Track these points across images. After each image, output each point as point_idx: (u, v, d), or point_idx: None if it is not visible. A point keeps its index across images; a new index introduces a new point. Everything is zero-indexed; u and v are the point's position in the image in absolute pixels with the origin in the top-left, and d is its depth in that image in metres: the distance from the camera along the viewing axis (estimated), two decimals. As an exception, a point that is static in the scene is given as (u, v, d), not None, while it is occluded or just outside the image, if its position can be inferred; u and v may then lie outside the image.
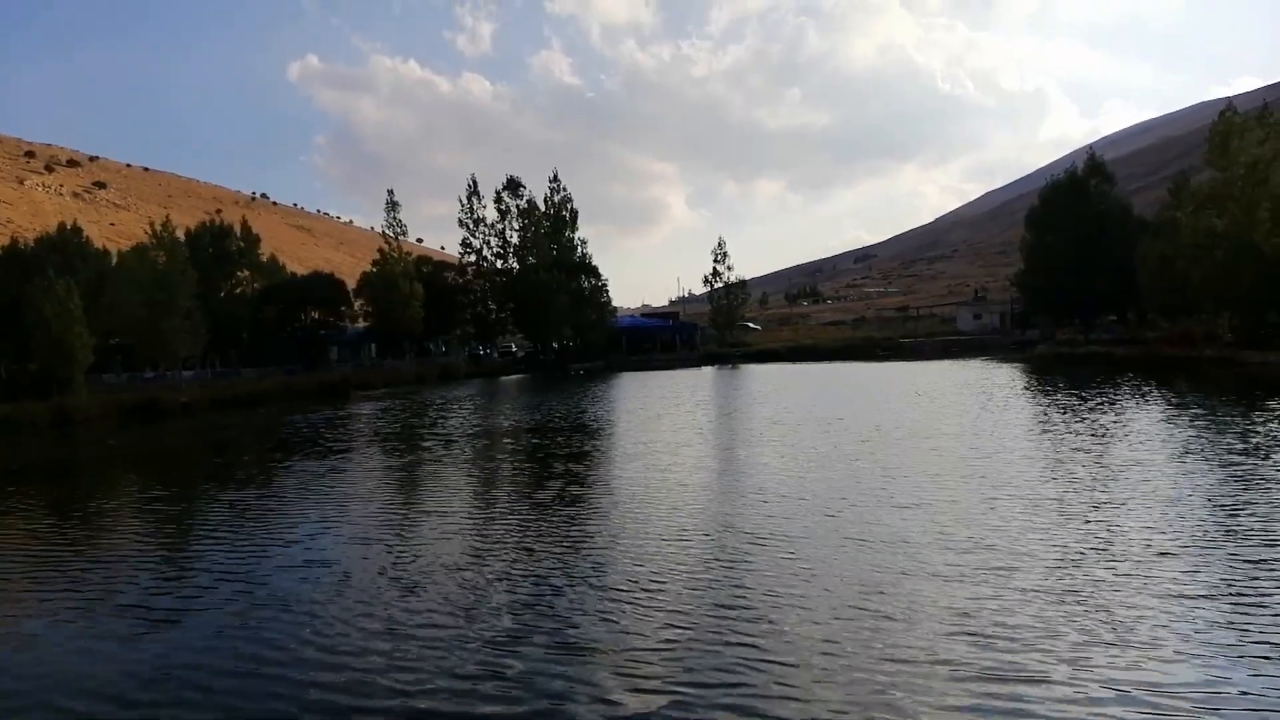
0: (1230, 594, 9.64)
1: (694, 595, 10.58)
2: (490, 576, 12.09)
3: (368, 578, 12.38)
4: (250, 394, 56.34)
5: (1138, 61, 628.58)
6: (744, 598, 10.31)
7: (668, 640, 9.12)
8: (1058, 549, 11.76)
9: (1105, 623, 8.93)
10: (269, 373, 68.02)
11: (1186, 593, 9.74)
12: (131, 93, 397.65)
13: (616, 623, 9.80)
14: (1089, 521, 13.22)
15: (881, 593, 10.19)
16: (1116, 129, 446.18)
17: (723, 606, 10.05)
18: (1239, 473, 16.25)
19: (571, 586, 11.28)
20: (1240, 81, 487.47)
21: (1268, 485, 15.17)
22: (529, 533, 14.68)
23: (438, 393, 56.13)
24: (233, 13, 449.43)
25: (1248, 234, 47.01)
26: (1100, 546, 11.77)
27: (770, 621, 9.43)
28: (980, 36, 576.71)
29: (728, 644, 8.87)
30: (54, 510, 20.64)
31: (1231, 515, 13.18)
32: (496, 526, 15.38)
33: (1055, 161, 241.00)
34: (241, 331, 72.43)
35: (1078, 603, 9.55)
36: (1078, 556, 11.35)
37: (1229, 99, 54.30)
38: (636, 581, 11.22)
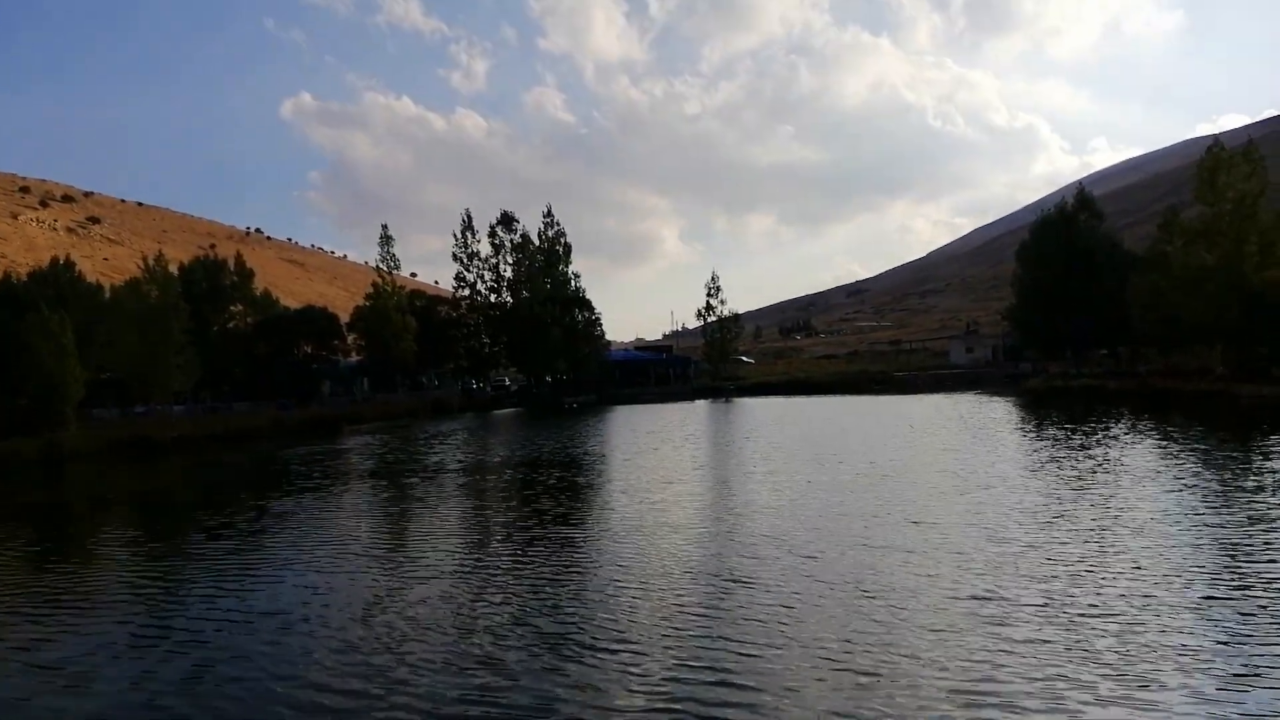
0: (1230, 649, 9.27)
1: (672, 648, 10.15)
2: (477, 616, 11.94)
3: (355, 616, 12.21)
4: (242, 429, 56.00)
5: (1125, 100, 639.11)
6: (725, 652, 9.85)
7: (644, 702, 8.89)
8: (1051, 598, 11.30)
9: (1103, 681, 8.51)
10: (261, 407, 67.69)
11: (1187, 646, 9.36)
12: (127, 129, 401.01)
13: (596, 671, 9.66)
14: (1083, 568, 12.82)
15: (868, 649, 9.72)
16: (1105, 165, 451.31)
17: (701, 661, 9.62)
18: (1238, 514, 15.91)
19: (556, 631, 11.11)
20: (1226, 119, 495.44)
21: (1269, 525, 14.88)
22: (515, 572, 14.50)
23: (430, 427, 55.90)
24: (227, 51, 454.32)
25: (1237, 267, 47.40)
26: (1095, 598, 11.25)
27: (752, 686, 8.92)
28: (970, 75, 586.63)
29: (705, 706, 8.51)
30: (41, 553, 20.38)
31: (1231, 560, 12.77)
32: (484, 565, 15.19)
33: (1045, 197, 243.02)
34: (234, 366, 72.16)
35: (1070, 660, 9.11)
36: (1071, 607, 10.88)
37: (1216, 136, 54.94)
38: (616, 631, 10.88)
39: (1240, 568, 12.28)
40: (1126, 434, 30.35)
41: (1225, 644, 9.37)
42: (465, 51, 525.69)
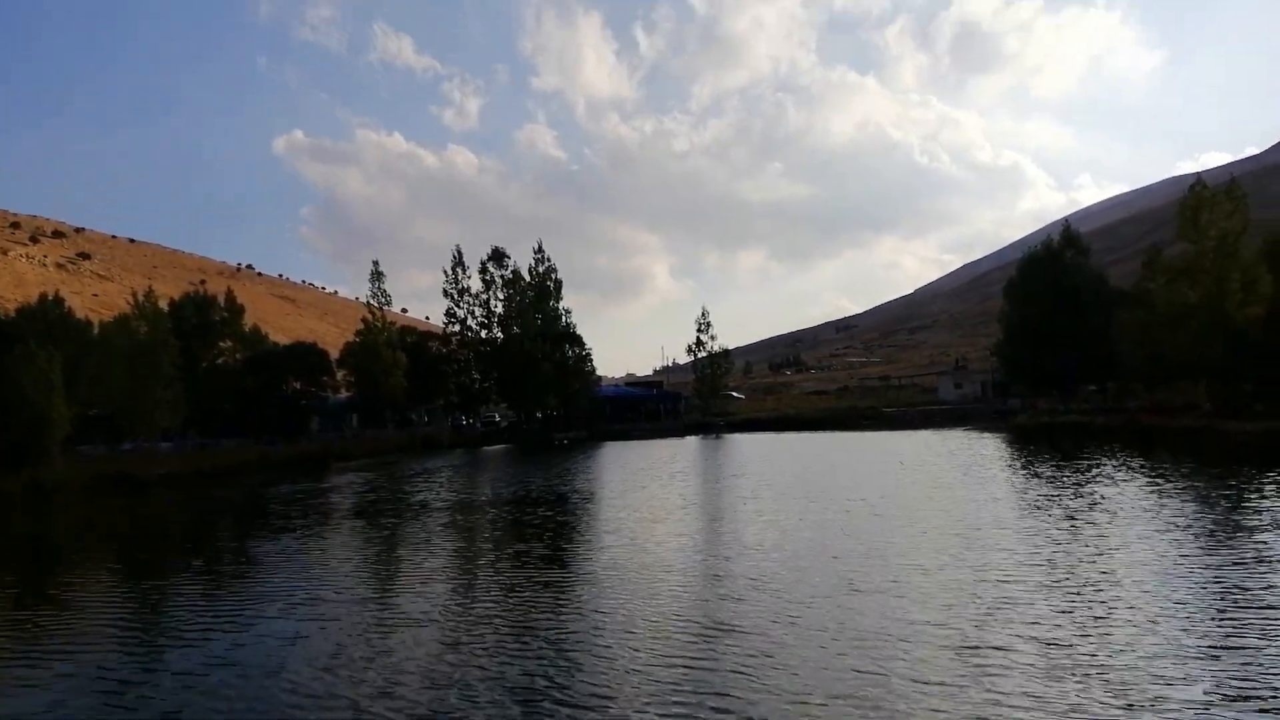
0: (1229, 699, 9.15)
1: (652, 703, 9.96)
2: (452, 668, 11.79)
3: (323, 665, 12.05)
4: (229, 465, 55.60)
5: (1109, 137, 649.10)
6: (706, 708, 9.65)
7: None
8: (1042, 647, 11.13)
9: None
10: (249, 443, 67.29)
11: (1185, 699, 9.21)
12: (119, 165, 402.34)
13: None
14: (1076, 614, 12.67)
15: (852, 703, 9.52)
16: (1091, 202, 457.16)
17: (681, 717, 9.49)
18: (1232, 556, 15.83)
19: (530, 686, 10.96)
20: (1208, 157, 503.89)
21: (1265, 567, 14.81)
22: (494, 619, 14.34)
23: (419, 464, 55.61)
24: (220, 87, 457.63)
25: (1220, 305, 47.87)
26: (1089, 646, 11.09)
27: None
28: (955, 113, 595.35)
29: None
30: (17, 594, 20.10)
31: (1230, 604, 12.60)
32: (463, 612, 14.98)
33: (1032, 234, 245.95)
34: (223, 402, 71.80)
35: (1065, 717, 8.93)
36: (1064, 658, 10.71)
37: (1198, 174, 55.80)
38: (592, 685, 10.67)
39: (1238, 613, 12.21)
40: (1116, 471, 30.43)
41: (1225, 694, 9.32)
42: (458, 89, 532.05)
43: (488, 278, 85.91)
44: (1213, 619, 11.95)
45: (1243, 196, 52.07)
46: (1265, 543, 16.57)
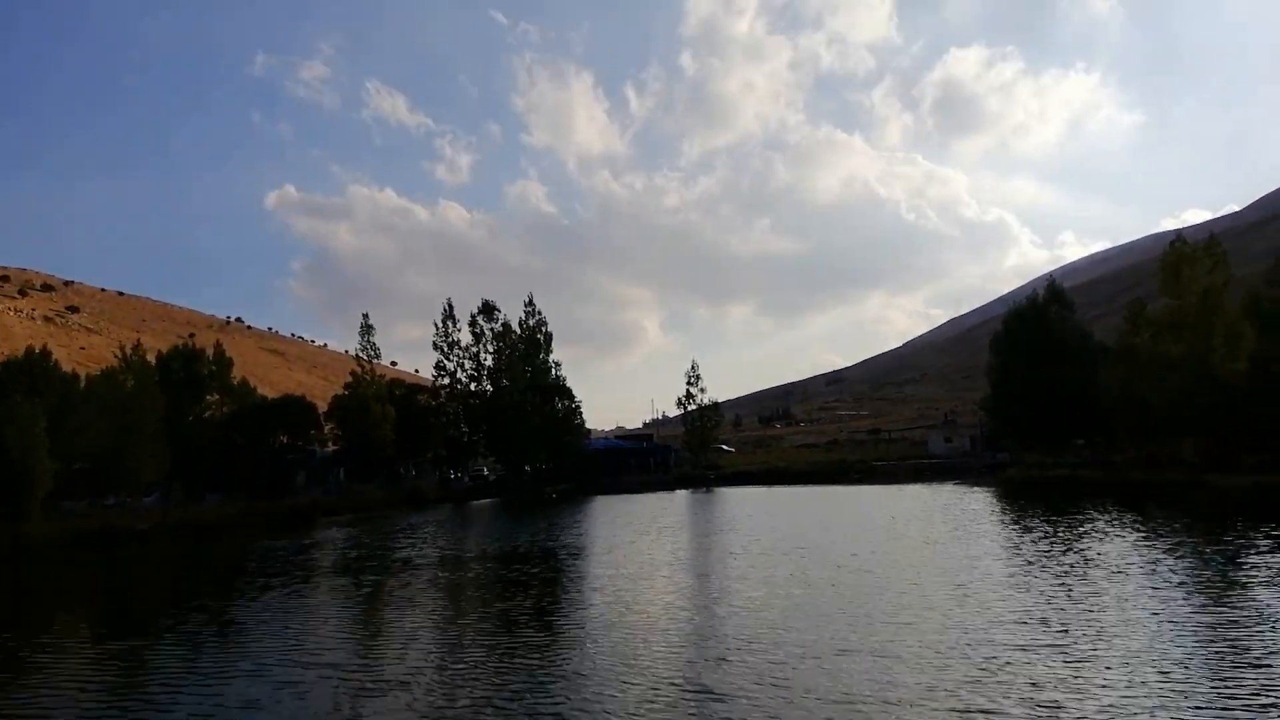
0: None
1: None
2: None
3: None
4: (213, 521, 54.96)
5: (1090, 195, 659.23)
6: None
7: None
8: (1035, 711, 10.85)
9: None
10: (234, 498, 66.54)
11: None
12: (110, 218, 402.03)
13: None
14: (1069, 676, 12.40)
15: None
16: (1074, 258, 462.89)
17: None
18: (1228, 615, 15.61)
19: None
20: (1189, 214, 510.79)
21: (1261, 626, 14.60)
22: (475, 683, 14.03)
23: (406, 519, 55.02)
24: (213, 142, 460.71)
25: (1204, 359, 48.27)
26: (1082, 713, 10.80)
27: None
28: (940, 170, 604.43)
29: None
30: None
31: (1228, 665, 12.37)
32: (444, 675, 14.61)
33: (1018, 289, 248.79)
34: (208, 456, 71.13)
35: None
36: None
37: (1179, 231, 56.77)
38: None
39: (1237, 673, 12.02)
40: (1108, 527, 30.33)
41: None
42: (450, 145, 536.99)
43: (478, 331, 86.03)
44: (1211, 680, 11.79)
45: (1223, 253, 52.89)
46: (1263, 601, 16.45)
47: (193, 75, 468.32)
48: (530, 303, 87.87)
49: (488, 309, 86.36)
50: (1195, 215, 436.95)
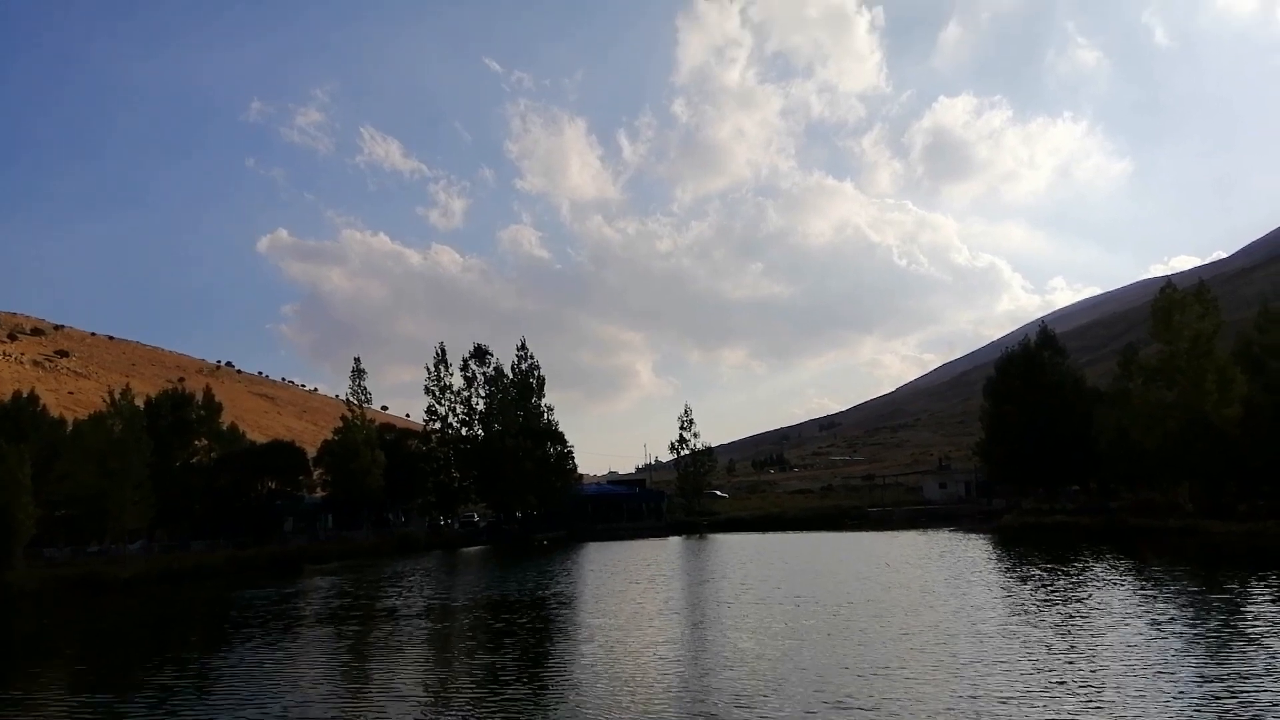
0: None
1: None
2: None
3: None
4: (197, 568, 53.97)
5: (1080, 241, 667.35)
6: None
7: None
8: None
9: None
10: (220, 545, 65.50)
11: None
12: (102, 263, 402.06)
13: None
14: None
15: None
16: (1065, 304, 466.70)
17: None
18: (1229, 667, 15.26)
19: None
20: (1177, 260, 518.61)
21: (1269, 679, 14.23)
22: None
23: (395, 566, 54.15)
24: (206, 186, 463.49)
25: (1197, 404, 48.22)
26: None
27: None
28: (931, 217, 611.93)
29: None
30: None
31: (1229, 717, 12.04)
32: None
33: (1010, 334, 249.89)
34: (195, 502, 70.23)
35: None
36: None
37: (1168, 277, 57.17)
38: None
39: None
40: (1108, 575, 29.93)
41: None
42: (443, 190, 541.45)
43: (470, 375, 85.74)
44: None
45: (1213, 299, 53.19)
46: (1267, 653, 16.07)
47: (187, 121, 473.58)
48: (523, 346, 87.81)
49: (480, 353, 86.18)
50: (1184, 261, 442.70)
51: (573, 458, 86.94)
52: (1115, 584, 27.35)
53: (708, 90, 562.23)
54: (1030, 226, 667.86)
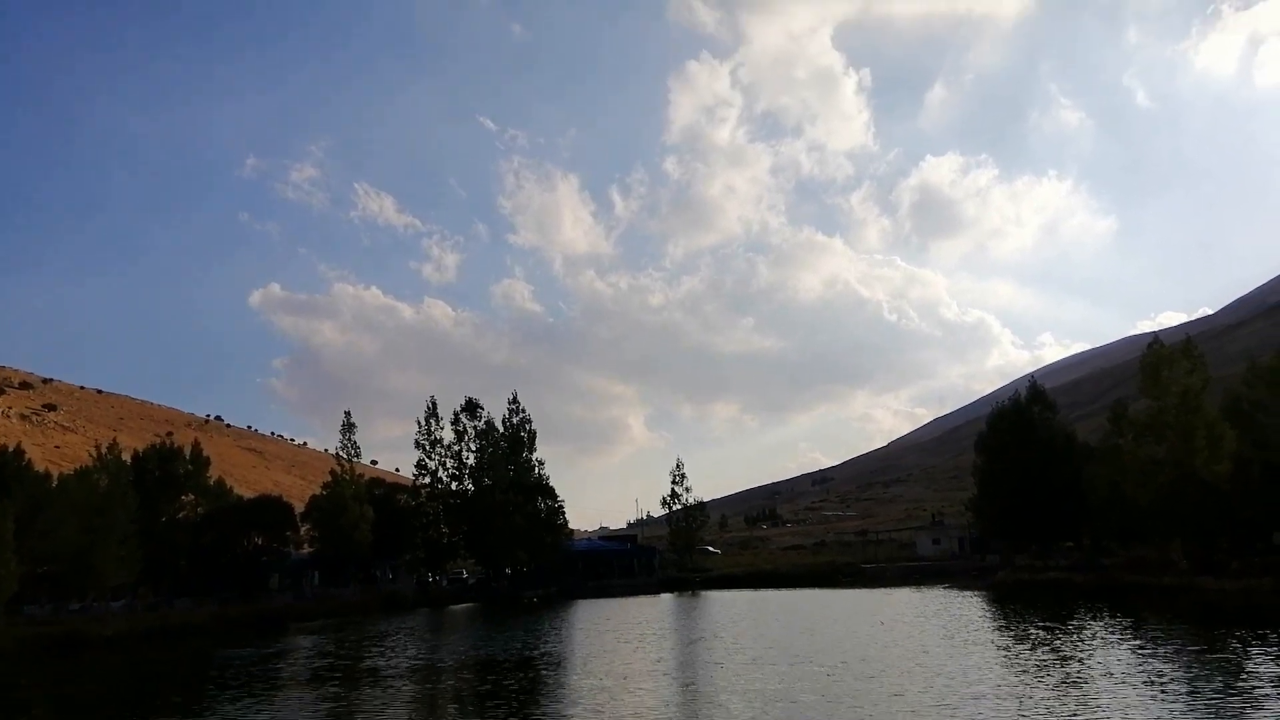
0: None
1: None
2: None
3: None
4: (181, 626, 53.01)
5: (1067, 297, 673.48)
6: None
7: None
8: None
9: None
10: (204, 602, 64.38)
11: None
12: (92, 316, 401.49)
13: None
14: None
15: None
16: (1054, 360, 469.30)
17: None
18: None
19: None
20: (1164, 316, 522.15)
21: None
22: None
23: (382, 624, 53.20)
24: (199, 240, 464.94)
25: (1188, 461, 48.24)
26: None
27: None
28: (920, 272, 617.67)
29: None
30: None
31: None
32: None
33: (1000, 389, 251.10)
34: (180, 558, 69.20)
35: None
36: None
37: (1155, 333, 57.65)
38: None
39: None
40: (1106, 635, 29.60)
41: None
42: (437, 245, 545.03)
43: (460, 429, 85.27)
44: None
45: (1200, 355, 53.56)
46: (1275, 714, 15.84)
47: (182, 177, 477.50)
48: (514, 400, 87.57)
49: (471, 407, 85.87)
50: (1170, 317, 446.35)
51: (563, 513, 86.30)
52: (1114, 643, 27.04)
53: (699, 148, 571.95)
54: (1018, 282, 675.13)
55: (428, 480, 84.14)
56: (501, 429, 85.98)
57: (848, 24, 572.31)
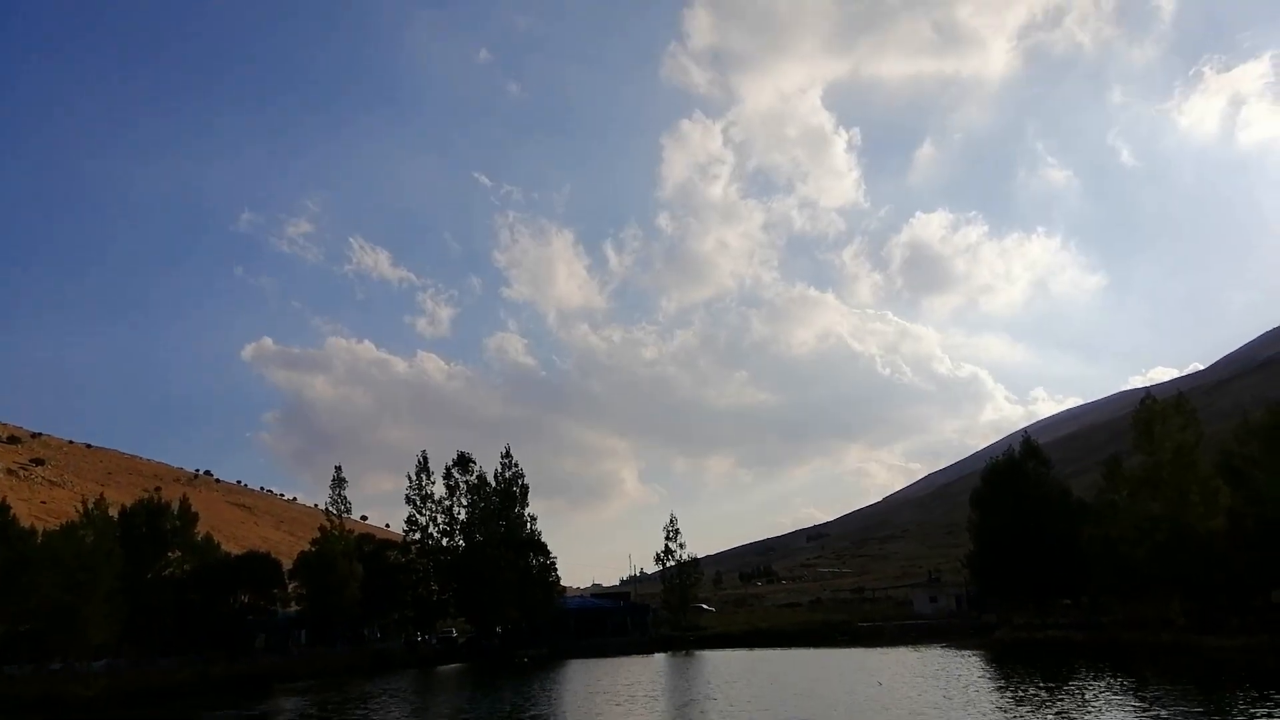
0: None
1: None
2: None
3: None
4: (163, 687, 51.77)
5: (1059, 353, 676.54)
6: None
7: None
8: None
9: None
10: (188, 661, 62.97)
11: None
12: (83, 370, 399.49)
13: None
14: None
15: None
16: (1047, 414, 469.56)
17: None
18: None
19: None
20: (1155, 372, 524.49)
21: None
22: None
23: (369, 685, 52.05)
24: (194, 294, 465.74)
25: (1183, 517, 48.08)
26: None
27: None
28: (912, 327, 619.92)
29: None
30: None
31: None
32: None
33: (994, 444, 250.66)
34: (165, 616, 67.87)
35: None
36: None
37: (1147, 389, 57.92)
38: None
39: None
40: (1108, 696, 29.12)
41: None
42: (431, 299, 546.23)
43: (452, 483, 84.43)
44: None
45: (1193, 410, 53.73)
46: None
47: (176, 231, 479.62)
48: (507, 454, 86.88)
49: (463, 461, 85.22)
50: (1161, 373, 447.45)
51: (555, 569, 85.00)
52: (1117, 705, 26.57)
53: (692, 204, 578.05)
54: (1010, 337, 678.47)
55: (418, 536, 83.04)
56: (494, 483, 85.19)
57: (838, 84, 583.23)
